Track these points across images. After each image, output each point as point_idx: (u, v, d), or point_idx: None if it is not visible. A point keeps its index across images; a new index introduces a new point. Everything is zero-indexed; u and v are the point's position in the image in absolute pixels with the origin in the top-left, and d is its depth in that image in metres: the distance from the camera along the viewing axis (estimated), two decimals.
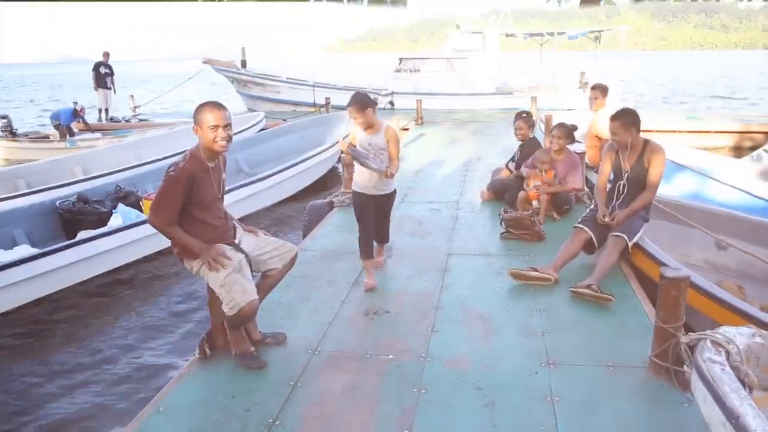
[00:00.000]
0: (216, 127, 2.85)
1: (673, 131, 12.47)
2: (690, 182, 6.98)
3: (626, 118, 4.11)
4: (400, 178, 7.90)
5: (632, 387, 2.86)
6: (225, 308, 2.96)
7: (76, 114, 12.79)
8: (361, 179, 4.10)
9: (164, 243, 6.15)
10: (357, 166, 4.08)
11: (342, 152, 4.16)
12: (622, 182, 4.31)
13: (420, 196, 6.88)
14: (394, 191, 4.28)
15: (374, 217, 4.17)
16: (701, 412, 1.81)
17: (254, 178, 7.98)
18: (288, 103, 17.38)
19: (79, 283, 5.69)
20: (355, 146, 4.01)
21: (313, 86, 17.25)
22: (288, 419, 2.69)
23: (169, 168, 2.86)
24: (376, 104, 4.03)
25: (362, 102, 3.87)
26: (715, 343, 1.81)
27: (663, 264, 3.72)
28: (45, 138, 12.74)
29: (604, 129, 6.48)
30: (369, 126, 3.95)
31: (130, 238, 6.01)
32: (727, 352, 1.77)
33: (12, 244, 6.09)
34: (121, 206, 6.89)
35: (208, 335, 3.29)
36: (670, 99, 27.09)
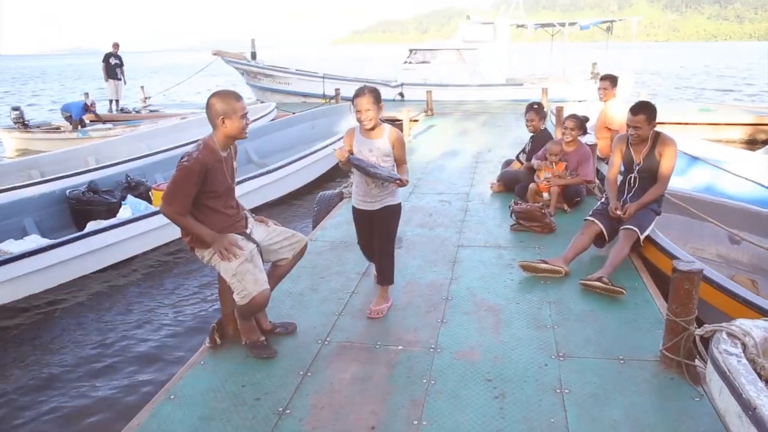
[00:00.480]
0: (246, 115, 2.90)
1: (686, 123, 12.36)
2: (703, 175, 6.91)
3: (649, 112, 4.05)
4: (410, 170, 7.89)
5: (643, 380, 2.84)
6: (237, 297, 2.97)
7: (87, 108, 12.89)
8: (358, 192, 3.48)
9: (173, 234, 6.24)
10: (355, 178, 3.47)
11: (340, 163, 3.35)
12: (633, 175, 4.28)
13: (430, 187, 6.87)
14: (398, 206, 3.54)
15: (372, 238, 3.59)
16: (716, 404, 1.80)
17: (264, 170, 7.99)
18: (297, 94, 17.38)
19: (88, 275, 5.73)
20: (353, 154, 3.40)
21: (323, 77, 17.23)
22: (298, 408, 2.71)
23: (182, 158, 2.85)
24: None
25: (376, 93, 3.27)
26: (731, 335, 1.79)
27: (675, 257, 3.69)
28: (57, 129, 12.84)
29: (614, 120, 6.45)
30: (372, 127, 3.31)
31: (139, 230, 6.03)
32: (743, 345, 1.75)
33: (22, 233, 6.14)
34: (130, 198, 6.91)
35: (219, 324, 3.30)
36: (682, 91, 26.80)
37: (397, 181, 3.28)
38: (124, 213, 6.45)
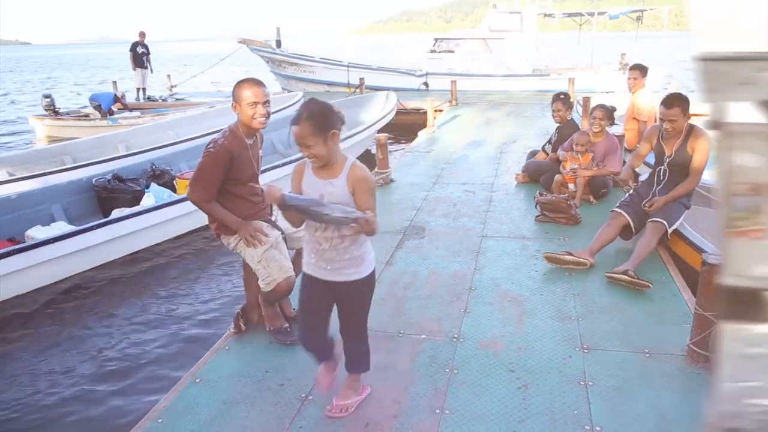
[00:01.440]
0: (255, 104, 2.87)
1: None
2: None
3: (684, 104, 3.95)
4: (434, 159, 7.90)
5: (669, 374, 2.81)
6: (262, 284, 3.00)
7: (116, 100, 13.12)
8: (309, 251, 2.41)
9: (197, 222, 6.30)
10: (304, 232, 2.43)
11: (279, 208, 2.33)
12: (663, 167, 4.19)
13: (454, 177, 6.84)
14: (369, 278, 2.43)
15: (321, 319, 2.50)
16: None
17: (287, 159, 8.01)
18: (322, 83, 17.39)
19: (112, 263, 5.81)
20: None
21: (348, 66, 17.20)
22: (320, 395, 2.73)
23: (208, 145, 2.89)
24: (343, 123, 2.27)
25: (320, 119, 2.16)
26: None
27: (703, 251, 3.62)
28: (86, 116, 13.06)
29: (642, 110, 6.32)
30: (324, 163, 2.26)
31: (162, 218, 6.09)
32: None
33: (50, 220, 6.26)
34: (153, 186, 6.97)
35: (243, 311, 3.35)
36: None
37: (354, 222, 2.15)
38: (147, 201, 6.53)
